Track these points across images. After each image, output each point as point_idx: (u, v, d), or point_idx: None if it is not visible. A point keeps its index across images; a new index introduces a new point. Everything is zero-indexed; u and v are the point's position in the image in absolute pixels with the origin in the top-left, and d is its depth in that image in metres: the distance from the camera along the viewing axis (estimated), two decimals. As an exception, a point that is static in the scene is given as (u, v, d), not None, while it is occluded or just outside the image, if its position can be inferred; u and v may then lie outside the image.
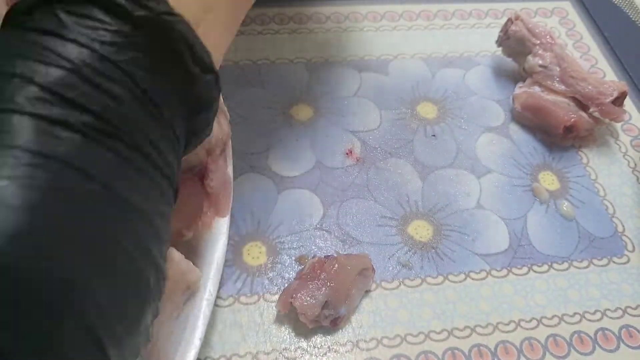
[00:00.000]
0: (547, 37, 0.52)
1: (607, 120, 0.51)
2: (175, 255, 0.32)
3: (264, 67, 0.52)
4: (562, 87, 0.50)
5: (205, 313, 0.33)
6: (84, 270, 0.22)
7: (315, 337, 0.38)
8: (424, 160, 0.48)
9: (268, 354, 0.37)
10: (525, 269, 0.43)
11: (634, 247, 0.45)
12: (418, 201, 0.45)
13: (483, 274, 0.43)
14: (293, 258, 0.42)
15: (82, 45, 0.24)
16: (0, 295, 0.19)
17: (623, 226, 0.46)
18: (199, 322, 0.33)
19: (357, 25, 0.57)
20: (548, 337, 0.40)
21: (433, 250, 0.43)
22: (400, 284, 0.41)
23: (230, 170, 0.38)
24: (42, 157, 0.21)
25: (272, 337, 0.38)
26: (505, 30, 0.53)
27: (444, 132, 0.51)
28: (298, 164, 0.46)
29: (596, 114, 0.50)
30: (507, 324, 0.40)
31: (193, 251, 0.36)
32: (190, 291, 0.34)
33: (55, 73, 0.23)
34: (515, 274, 0.43)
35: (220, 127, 0.36)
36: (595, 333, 0.41)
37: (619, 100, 0.50)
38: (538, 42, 0.52)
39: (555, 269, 0.43)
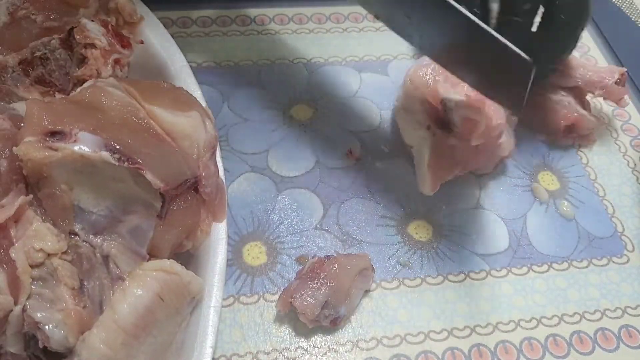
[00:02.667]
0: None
1: (607, 120, 0.51)
2: (177, 267, 0.32)
3: (264, 67, 0.52)
4: (562, 80, 0.50)
5: (214, 321, 0.33)
6: None
7: (315, 337, 0.38)
8: (424, 160, 0.48)
9: (268, 353, 0.37)
10: (525, 269, 0.43)
11: (633, 247, 0.45)
12: (418, 201, 0.46)
13: (483, 274, 0.43)
14: (293, 258, 0.42)
15: None
16: None
17: (623, 226, 0.46)
18: (208, 331, 0.33)
19: (357, 26, 0.57)
20: (548, 336, 0.40)
21: (433, 250, 0.43)
22: (400, 283, 0.41)
23: (221, 173, 0.38)
24: None
25: (272, 337, 0.38)
26: None
27: (443, 132, 0.50)
28: (298, 164, 0.46)
29: (600, 98, 0.50)
30: (507, 324, 0.40)
31: (194, 260, 0.36)
32: (195, 300, 0.34)
33: None
34: (515, 274, 0.43)
35: (207, 130, 0.36)
36: (595, 333, 0.41)
37: (620, 83, 0.50)
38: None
39: (554, 269, 0.43)
